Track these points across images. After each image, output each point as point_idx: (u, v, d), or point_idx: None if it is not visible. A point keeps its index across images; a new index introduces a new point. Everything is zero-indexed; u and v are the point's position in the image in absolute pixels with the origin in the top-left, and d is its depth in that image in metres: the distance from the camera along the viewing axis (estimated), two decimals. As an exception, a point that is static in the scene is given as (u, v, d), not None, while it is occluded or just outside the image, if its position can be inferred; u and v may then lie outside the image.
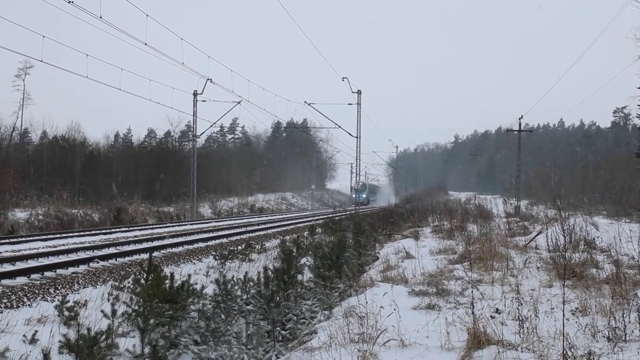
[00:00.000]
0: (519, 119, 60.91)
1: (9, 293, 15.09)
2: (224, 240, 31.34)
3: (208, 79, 52.24)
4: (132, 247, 25.52)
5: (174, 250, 25.80)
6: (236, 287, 11.64)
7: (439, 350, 8.26)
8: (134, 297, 9.34)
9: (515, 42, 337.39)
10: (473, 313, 8.90)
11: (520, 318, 8.98)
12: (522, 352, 7.88)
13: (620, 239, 17.55)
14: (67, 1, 26.01)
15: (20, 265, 18.96)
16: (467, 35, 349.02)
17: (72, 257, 21.33)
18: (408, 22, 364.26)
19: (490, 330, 8.43)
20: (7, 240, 26.62)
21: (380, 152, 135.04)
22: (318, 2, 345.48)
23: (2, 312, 12.78)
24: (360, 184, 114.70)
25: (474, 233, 24.08)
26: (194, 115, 57.53)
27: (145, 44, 33.09)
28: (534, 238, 21.87)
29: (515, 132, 62.04)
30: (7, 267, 18.32)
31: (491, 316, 9.64)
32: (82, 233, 32.29)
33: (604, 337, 8.42)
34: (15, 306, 13.90)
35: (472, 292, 10.94)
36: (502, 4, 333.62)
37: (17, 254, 21.10)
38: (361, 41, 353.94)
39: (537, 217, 34.49)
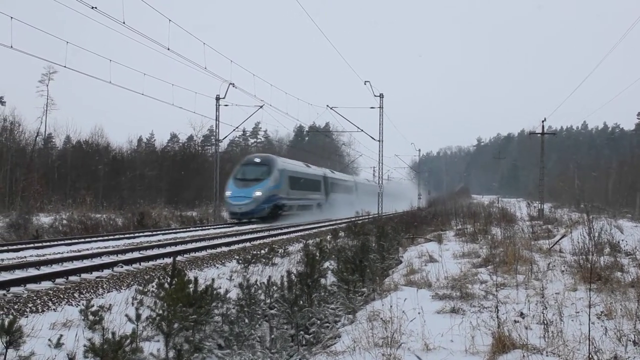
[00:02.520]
0: (542, 121, 60.68)
1: (34, 297, 15.17)
2: (247, 244, 31.37)
3: (230, 84, 52.24)
4: (155, 251, 25.60)
5: (198, 254, 25.84)
6: (260, 291, 11.65)
7: (463, 354, 8.24)
8: (158, 301, 9.36)
9: (536, 43, 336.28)
10: (497, 317, 8.87)
11: (545, 322, 8.94)
12: (547, 356, 7.85)
13: (645, 242, 17.46)
14: (90, 7, 26.15)
15: (44, 269, 19.06)
16: (486, 37, 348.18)
17: (96, 261, 21.42)
18: (425, 24, 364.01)
19: (515, 334, 8.41)
20: (31, 245, 26.75)
21: (402, 155, 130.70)
22: (340, 6, 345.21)
23: (27, 317, 12.86)
24: (257, 159, 56.75)
25: (497, 236, 24.00)
26: (216, 120, 57.59)
27: (168, 49, 33.23)
28: (558, 241, 21.77)
29: (539, 135, 61.78)
30: (32, 272, 18.42)
31: (515, 320, 9.60)
32: (106, 237, 32.40)
33: (630, 341, 8.36)
34: (40, 310, 13.99)
35: (496, 295, 10.90)
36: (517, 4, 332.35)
37: (41, 258, 21.21)
38: (382, 44, 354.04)
39: (561, 220, 34.31)
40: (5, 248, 24.88)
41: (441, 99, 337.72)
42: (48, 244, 27.94)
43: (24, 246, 26.16)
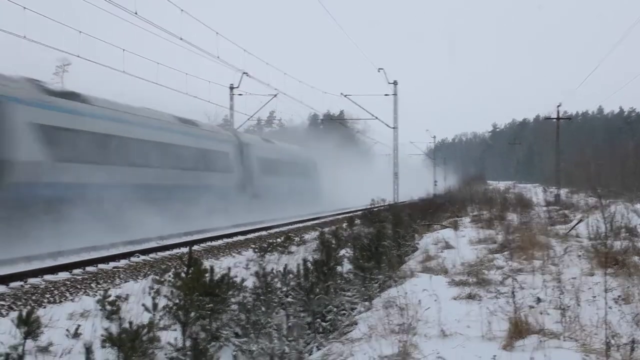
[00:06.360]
0: (557, 107, 60.45)
1: (52, 288, 15.29)
2: (263, 233, 31.47)
3: (244, 73, 52.12)
4: (172, 240, 25.69)
5: (214, 243, 25.96)
6: (276, 280, 11.67)
7: (480, 340, 8.23)
8: (174, 290, 9.39)
9: (551, 26, 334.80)
10: (514, 302, 8.85)
11: (562, 307, 8.91)
12: (564, 341, 7.83)
13: (662, 226, 17.37)
14: (102, -3, 26.05)
15: (61, 260, 19.20)
16: (500, 21, 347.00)
17: (113, 251, 21.54)
18: (438, 10, 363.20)
19: (532, 319, 8.38)
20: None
21: (418, 142, 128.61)
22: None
23: (45, 307, 12.93)
24: None
25: (513, 222, 23.94)
26: (230, 109, 57.57)
27: (181, 39, 33.08)
28: (574, 226, 21.70)
29: (554, 120, 61.55)
30: (49, 263, 18.53)
31: (532, 306, 9.58)
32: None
33: (648, 325, 8.33)
34: (58, 301, 14.09)
35: (512, 281, 10.87)
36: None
37: (58, 249, 21.30)
38: (395, 31, 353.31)
39: (578, 205, 34.18)
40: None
41: (456, 85, 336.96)
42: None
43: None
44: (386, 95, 59.88)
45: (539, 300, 10.20)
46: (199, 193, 36.24)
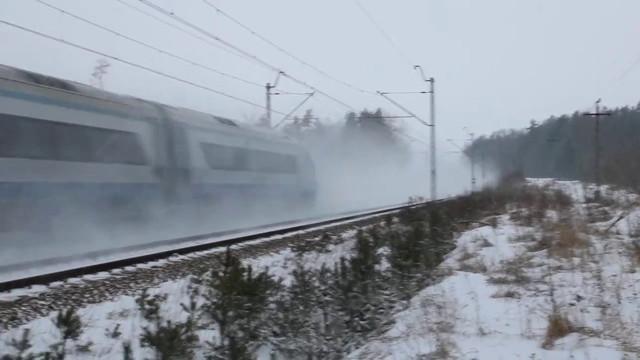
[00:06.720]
0: (596, 102, 59.94)
1: (91, 288, 15.43)
2: (301, 231, 31.47)
3: (280, 72, 52.24)
4: (209, 240, 25.79)
5: (252, 242, 26.01)
6: (314, 278, 11.67)
7: (519, 338, 8.16)
8: (212, 289, 9.43)
9: (590, 20, 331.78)
10: (553, 300, 8.77)
11: (602, 304, 8.83)
12: (604, 339, 7.74)
13: None
14: (138, -2, 25.97)
15: (101, 260, 19.34)
16: (540, 17, 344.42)
17: (151, 251, 21.66)
18: (476, 6, 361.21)
19: (572, 317, 8.30)
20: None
21: (455, 139, 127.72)
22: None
23: (85, 307, 13.05)
24: None
25: (553, 219, 23.76)
26: (267, 109, 57.69)
27: (217, 39, 33.14)
28: (614, 223, 21.46)
29: (593, 116, 61.01)
30: (89, 262, 18.69)
31: (572, 303, 9.49)
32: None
33: (690, 323, 8.22)
34: (97, 300, 14.21)
35: (551, 279, 10.77)
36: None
37: (97, 249, 21.47)
38: (431, 27, 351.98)
39: (618, 202, 33.80)
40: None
41: (493, 82, 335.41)
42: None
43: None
44: (423, 92, 59.74)
45: (579, 297, 10.10)
46: (58, 197, 22.56)
